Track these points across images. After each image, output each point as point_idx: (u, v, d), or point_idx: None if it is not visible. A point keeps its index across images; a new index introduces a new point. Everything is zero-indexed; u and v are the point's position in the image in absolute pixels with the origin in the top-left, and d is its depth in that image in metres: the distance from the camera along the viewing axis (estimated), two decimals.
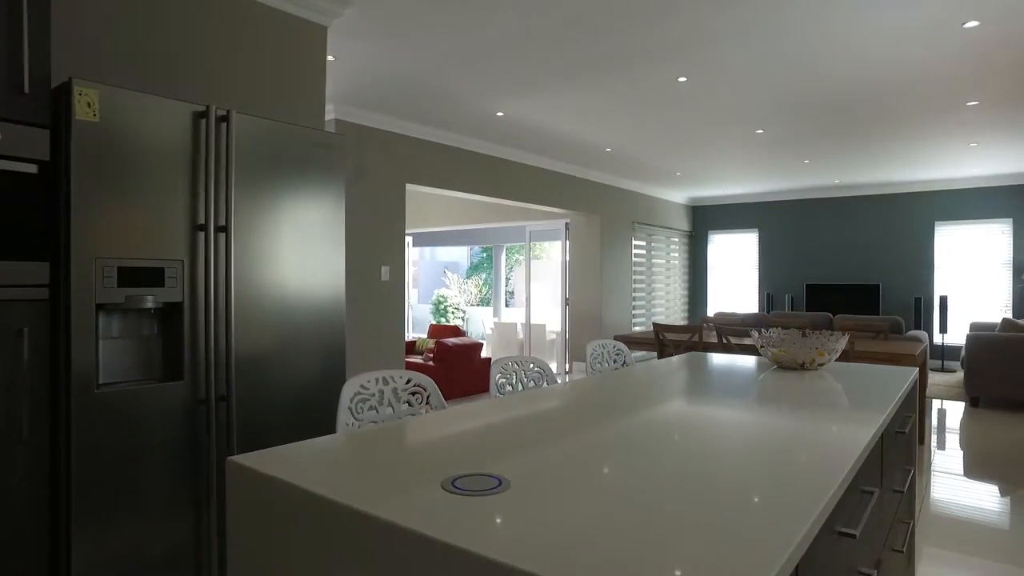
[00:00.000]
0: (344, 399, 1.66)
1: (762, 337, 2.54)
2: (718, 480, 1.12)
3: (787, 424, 1.57)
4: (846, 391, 2.05)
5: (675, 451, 1.31)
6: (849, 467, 1.21)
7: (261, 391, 2.22)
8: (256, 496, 1.17)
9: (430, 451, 1.31)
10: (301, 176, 2.34)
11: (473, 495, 1.02)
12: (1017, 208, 8.07)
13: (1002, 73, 4.18)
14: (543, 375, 2.39)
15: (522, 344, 9.51)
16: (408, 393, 1.83)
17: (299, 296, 2.35)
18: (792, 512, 0.97)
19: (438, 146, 6.02)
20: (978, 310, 8.27)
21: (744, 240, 10.44)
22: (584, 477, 1.12)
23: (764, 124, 5.58)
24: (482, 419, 1.62)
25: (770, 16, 3.34)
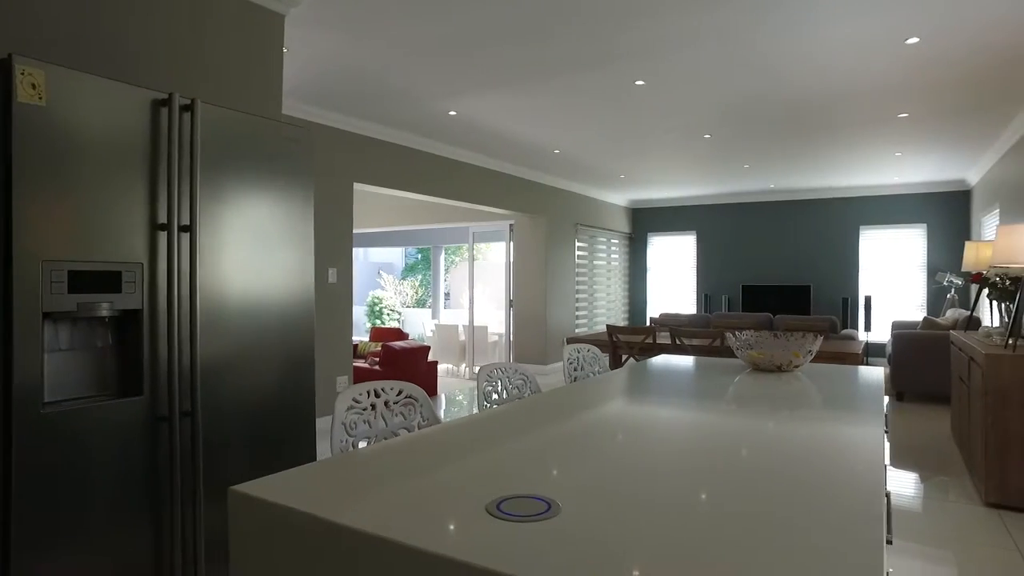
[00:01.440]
0: (338, 415, 1.53)
1: (738, 339, 2.55)
2: (781, 491, 1.08)
3: (813, 431, 1.56)
4: (834, 393, 2.08)
5: (720, 464, 1.27)
6: (883, 475, 1.20)
7: (229, 404, 2.05)
8: (265, 528, 1.04)
9: (456, 470, 1.21)
10: (270, 172, 2.18)
11: (523, 521, 0.93)
12: (931, 214, 8.63)
13: (931, 88, 4.42)
14: (527, 383, 2.32)
15: (464, 346, 9.40)
16: (400, 405, 1.72)
17: (268, 301, 2.18)
18: (865, 521, 0.93)
19: (388, 145, 5.84)
20: (898, 309, 8.78)
21: (682, 242, 10.70)
22: (637, 498, 1.06)
23: (712, 129, 5.71)
24: (484, 430, 1.53)
25: (726, 24, 3.39)
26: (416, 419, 1.74)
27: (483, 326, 9.37)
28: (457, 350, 9.32)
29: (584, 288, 9.63)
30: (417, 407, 1.75)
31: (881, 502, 1.02)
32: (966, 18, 3.27)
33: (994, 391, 3.35)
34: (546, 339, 8.51)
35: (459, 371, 9.22)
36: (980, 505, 3.43)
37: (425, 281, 17.52)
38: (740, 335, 2.60)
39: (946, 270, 8.40)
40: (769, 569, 0.79)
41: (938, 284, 8.30)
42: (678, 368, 2.68)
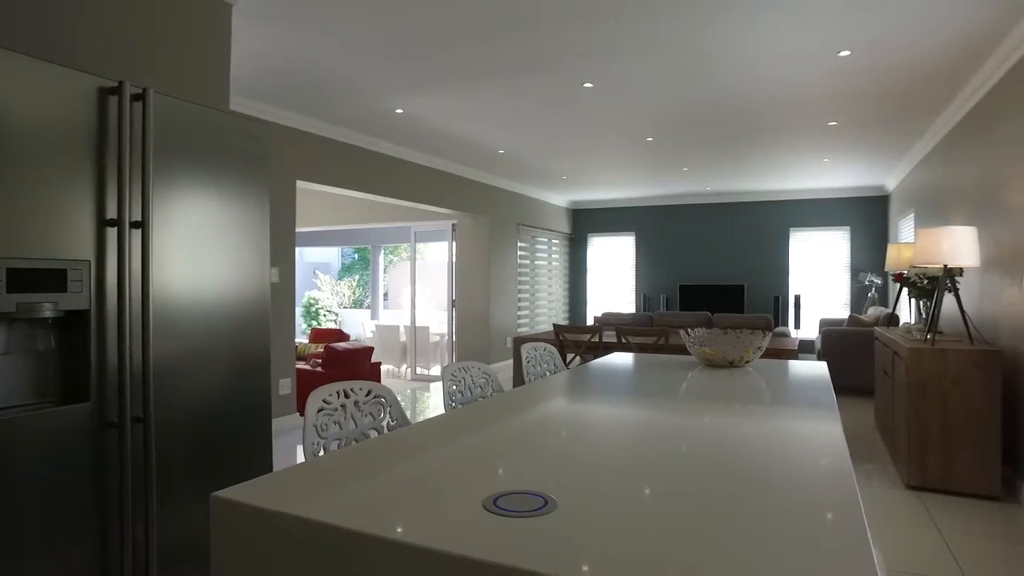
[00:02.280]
0: (309, 417, 1.50)
1: (692, 336, 2.64)
2: (768, 480, 1.12)
3: (781, 424, 1.63)
4: (788, 386, 2.17)
5: (708, 458, 1.31)
6: (850, 464, 1.27)
7: (183, 408, 1.96)
8: (251, 534, 1.01)
9: (445, 468, 1.20)
10: (225, 167, 2.09)
11: (521, 516, 0.94)
12: (854, 217, 9.15)
13: (859, 99, 4.69)
14: (489, 381, 2.33)
15: (405, 347, 9.29)
16: (369, 405, 1.69)
17: (224, 300, 2.10)
18: (850, 514, 0.99)
19: (332, 142, 5.71)
20: (825, 307, 9.27)
21: (621, 243, 10.93)
22: (630, 493, 1.08)
23: (655, 132, 5.86)
24: (460, 428, 1.53)
25: (674, 31, 3.49)
26: (385, 419, 1.72)
27: (424, 326, 9.30)
28: (398, 351, 9.21)
29: (526, 288, 9.70)
30: (386, 407, 1.73)
31: (855, 491, 1.08)
32: (891, 35, 3.49)
33: (916, 383, 3.59)
34: (489, 339, 8.52)
35: (400, 372, 9.10)
36: (903, 489, 3.67)
37: (363, 281, 17.22)
38: (693, 333, 2.69)
39: (867, 270, 8.92)
40: (776, 559, 0.83)
41: (860, 283, 8.81)
42: (634, 365, 2.74)
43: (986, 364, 3.46)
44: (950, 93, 4.56)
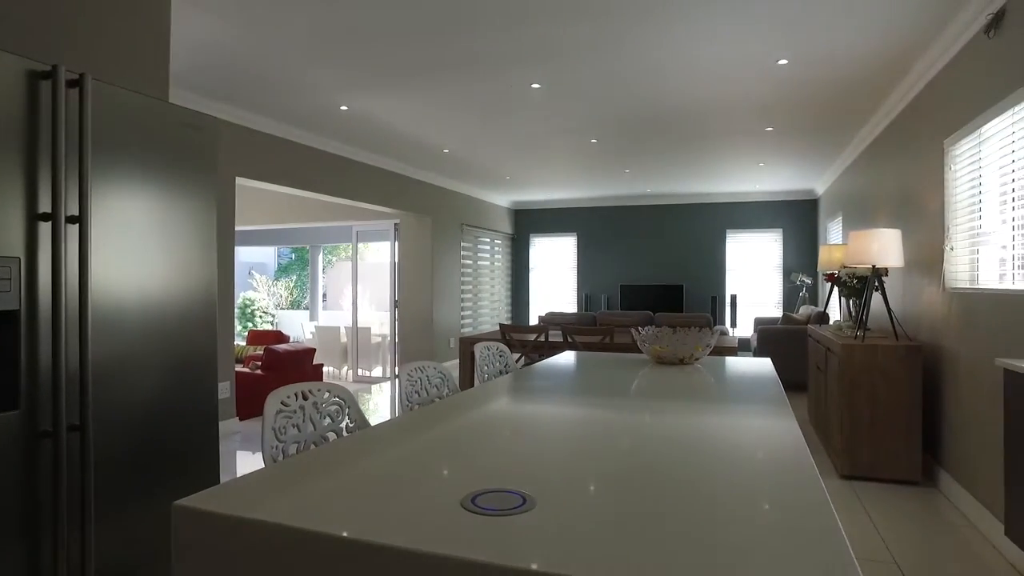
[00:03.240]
0: (268, 420, 1.44)
1: (642, 335, 2.69)
2: (744, 481, 1.15)
3: (739, 419, 1.68)
4: (738, 382, 2.24)
5: (677, 454, 1.33)
6: (810, 458, 1.32)
7: (124, 414, 1.85)
8: (219, 543, 0.96)
9: (418, 468, 1.18)
10: (170, 160, 1.99)
11: (500, 515, 0.93)
12: (786, 220, 9.55)
13: (795, 106, 4.91)
14: (444, 381, 2.30)
15: (346, 348, 9.11)
16: (328, 407, 1.64)
17: (169, 301, 1.99)
18: (816, 498, 1.02)
19: (274, 139, 5.54)
20: (758, 307, 9.63)
21: (563, 243, 11.05)
22: (606, 489, 1.08)
23: (599, 134, 5.95)
24: (417, 428, 1.51)
25: (620, 34, 3.56)
26: (344, 421, 1.67)
27: (366, 327, 9.14)
28: (339, 352, 9.02)
29: (469, 288, 9.67)
30: (345, 409, 1.68)
31: (818, 478, 1.13)
32: (826, 46, 3.66)
33: (848, 377, 3.78)
34: (433, 339, 8.45)
35: (342, 374, 8.92)
36: (837, 479, 3.85)
37: (301, 282, 16.77)
38: (643, 331, 2.74)
39: (799, 271, 9.33)
40: (753, 546, 0.85)
41: (792, 283, 9.20)
42: (587, 363, 2.77)
43: (909, 358, 3.67)
44: (874, 104, 4.82)
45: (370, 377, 8.67)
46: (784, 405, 1.79)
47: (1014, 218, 2.97)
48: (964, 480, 3.33)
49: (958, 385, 3.40)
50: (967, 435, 3.29)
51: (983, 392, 3.07)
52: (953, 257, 3.49)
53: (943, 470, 3.63)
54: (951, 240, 3.50)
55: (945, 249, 3.55)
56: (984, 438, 3.06)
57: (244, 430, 5.24)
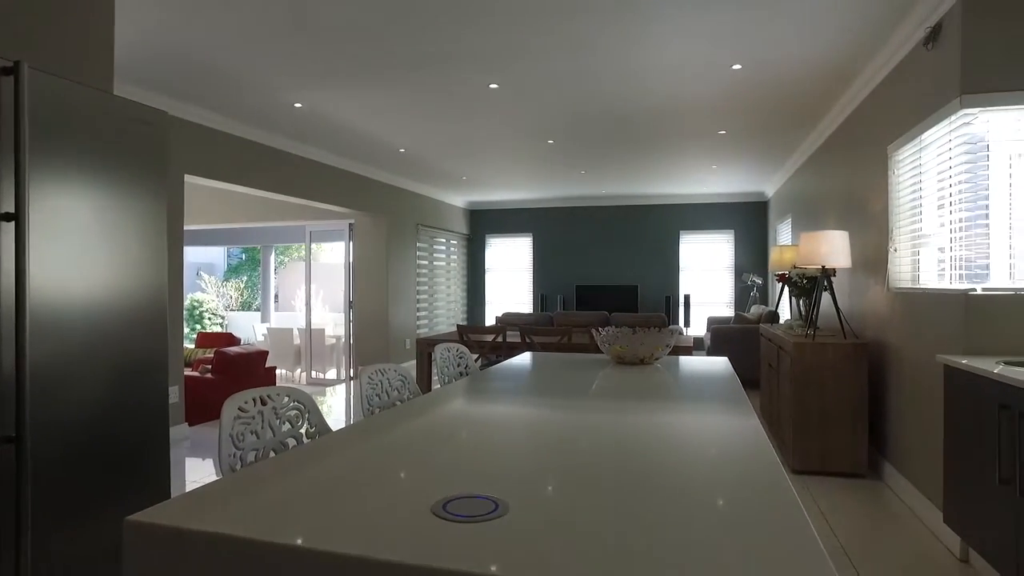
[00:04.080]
0: (225, 426, 1.38)
1: (602, 336, 2.70)
2: (715, 477, 1.16)
3: (704, 417, 1.70)
4: (700, 382, 2.28)
5: (647, 453, 1.33)
6: (776, 455, 1.34)
7: (67, 423, 1.75)
8: (176, 560, 0.91)
9: (384, 473, 1.15)
10: (118, 157, 1.90)
11: (472, 521, 0.91)
12: (737, 222, 9.80)
13: (748, 109, 5.03)
14: (405, 383, 2.27)
15: (299, 350, 8.92)
16: (287, 412, 1.60)
17: (116, 303, 1.90)
18: (783, 494, 1.04)
19: (225, 135, 5.37)
20: (711, 306, 9.85)
21: (519, 244, 11.07)
22: (581, 495, 1.08)
23: (556, 135, 5.97)
24: (381, 433, 1.48)
25: (579, 36, 3.58)
26: (304, 426, 1.63)
27: (320, 328, 8.97)
28: (292, 354, 8.82)
29: (424, 289, 9.59)
30: (304, 414, 1.64)
31: (783, 472, 1.15)
32: (778, 54, 3.76)
33: (799, 374, 3.89)
34: (388, 340, 8.35)
35: (295, 376, 8.73)
36: (789, 473, 3.96)
37: (251, 282, 16.34)
38: (603, 331, 2.76)
39: (750, 271, 9.58)
40: (730, 540, 0.85)
41: (744, 283, 9.44)
42: (548, 364, 2.78)
43: (856, 356, 3.80)
44: (822, 110, 4.99)
45: (324, 379, 8.51)
46: (745, 403, 1.82)
47: (951, 221, 3.11)
48: (907, 472, 3.47)
49: (901, 381, 3.54)
50: (910, 429, 3.42)
51: (924, 387, 3.21)
52: (897, 258, 3.64)
53: (887, 462, 3.78)
54: (895, 242, 3.64)
55: (889, 250, 3.69)
56: (925, 431, 3.19)
57: (194, 436, 5.07)
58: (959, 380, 2.61)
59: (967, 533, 2.58)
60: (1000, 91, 2.76)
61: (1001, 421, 2.26)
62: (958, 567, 2.72)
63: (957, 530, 2.68)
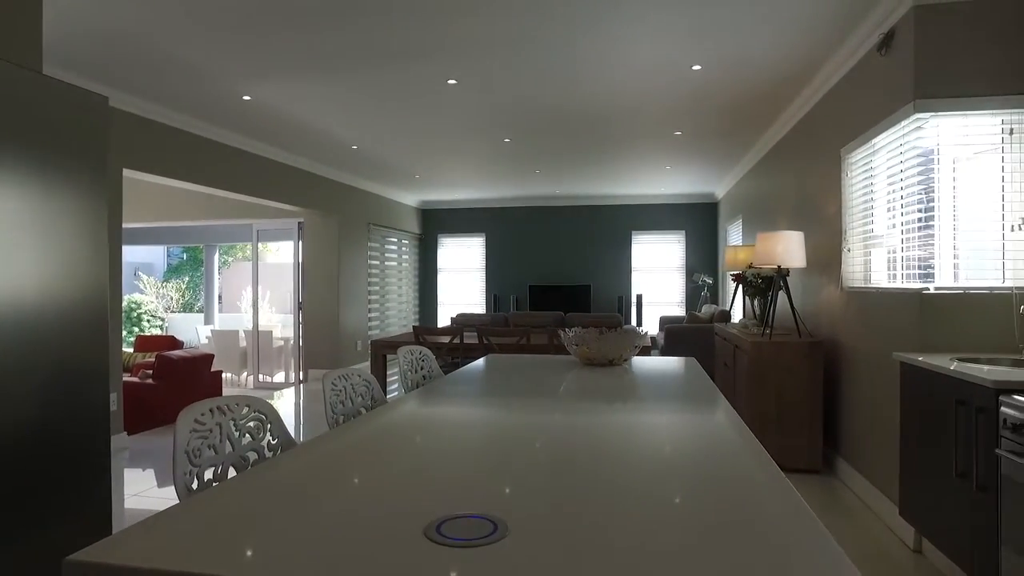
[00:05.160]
0: (180, 441, 1.27)
1: (571, 337, 2.66)
2: (719, 476, 1.11)
3: (692, 418, 1.66)
4: (677, 383, 2.25)
5: (648, 460, 1.28)
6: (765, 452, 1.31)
7: None
8: None
9: (366, 491, 1.06)
10: (52, 145, 1.74)
11: (469, 546, 0.84)
12: (688, 222, 9.96)
13: (704, 110, 5.09)
14: (369, 389, 2.16)
15: (246, 353, 8.61)
16: (247, 423, 1.48)
17: (51, 305, 1.74)
18: (782, 495, 1.01)
19: (167, 128, 5.09)
20: (663, 306, 9.98)
21: (472, 244, 10.97)
22: (583, 510, 1.02)
23: (513, 133, 5.92)
24: (356, 446, 1.39)
25: (539, 33, 3.53)
26: (266, 439, 1.51)
27: (268, 331, 8.68)
28: (238, 358, 8.50)
29: (376, 290, 9.40)
30: (266, 424, 1.52)
31: (775, 466, 1.11)
32: (739, 54, 3.80)
33: (757, 373, 3.95)
34: (339, 342, 8.14)
35: (241, 380, 8.42)
36: None
37: (193, 283, 15.73)
38: (569, 332, 2.71)
39: (700, 271, 9.75)
40: (741, 541, 0.81)
41: (695, 283, 9.59)
42: (516, 366, 2.71)
43: (812, 354, 3.88)
44: (776, 112, 5.09)
45: (272, 383, 8.23)
46: (722, 401, 1.80)
47: (902, 223, 3.20)
48: (861, 467, 3.55)
49: (856, 378, 3.63)
50: (864, 425, 3.51)
51: (878, 384, 3.29)
52: (850, 258, 3.73)
53: (841, 458, 3.87)
54: (848, 242, 3.73)
55: (843, 251, 3.78)
56: (880, 427, 3.27)
57: (133, 446, 4.79)
58: (915, 377, 2.68)
59: (923, 525, 2.64)
60: (951, 97, 2.85)
61: (958, 416, 2.32)
62: (912, 558, 2.80)
63: (913, 522, 2.75)
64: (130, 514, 3.45)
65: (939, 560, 2.64)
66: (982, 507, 2.18)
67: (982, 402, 2.16)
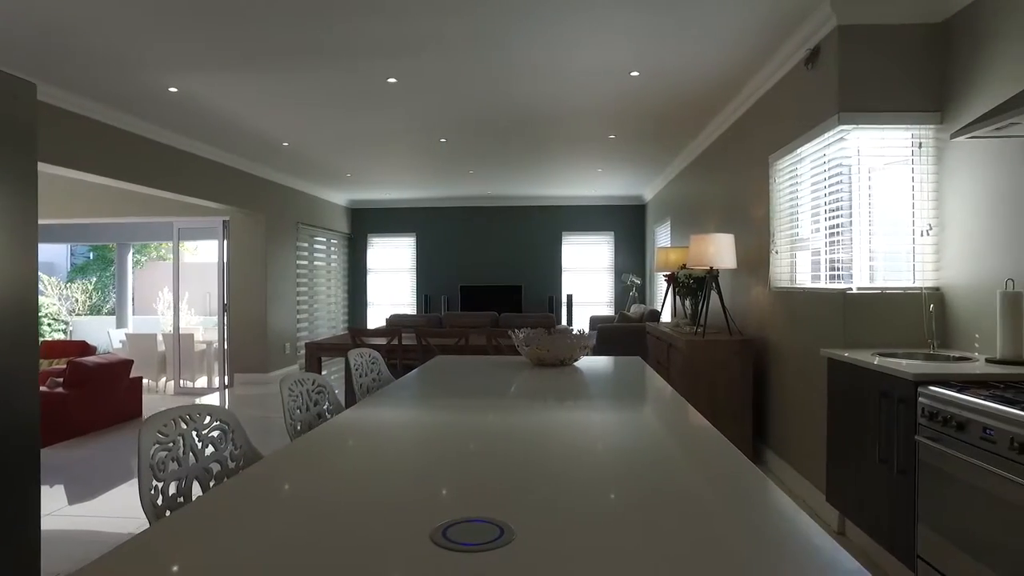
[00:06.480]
0: (144, 455, 1.20)
1: (522, 338, 2.69)
2: (697, 466, 1.16)
3: (663, 419, 1.71)
4: (625, 382, 2.31)
5: (639, 458, 1.31)
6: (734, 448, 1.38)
7: None
8: None
9: (356, 501, 1.04)
10: None
11: (476, 550, 0.85)
12: (617, 224, 10.22)
13: (640, 115, 5.23)
14: (324, 395, 2.12)
15: (165, 358, 8.18)
16: (210, 433, 1.42)
17: None
18: (760, 487, 1.06)
19: (82, 119, 4.76)
20: (592, 306, 10.19)
21: (402, 244, 10.84)
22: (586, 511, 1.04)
23: (450, 133, 5.90)
24: (338, 450, 1.36)
25: (482, 33, 3.55)
26: (228, 448, 1.46)
27: (189, 334, 8.28)
28: (156, 362, 8.06)
29: (305, 291, 9.14)
30: (229, 434, 1.47)
31: (743, 455, 1.18)
32: (675, 62, 3.94)
33: (691, 370, 4.11)
34: (267, 345, 7.87)
35: (159, 386, 7.99)
36: None
37: (102, 284, 14.78)
38: (520, 333, 2.74)
39: (629, 271, 10.02)
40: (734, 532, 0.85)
41: (623, 283, 9.85)
42: (467, 368, 2.72)
43: (743, 351, 4.08)
44: (707, 118, 5.30)
45: (194, 388, 7.86)
46: (677, 397, 1.88)
47: (825, 227, 3.42)
48: (789, 457, 3.77)
49: (784, 373, 3.84)
50: (792, 418, 3.72)
51: (806, 379, 3.50)
52: (777, 260, 3.94)
53: (769, 449, 4.09)
54: (775, 245, 3.94)
55: (771, 253, 3.99)
56: (807, 419, 3.48)
57: (44, 460, 4.46)
58: (842, 371, 2.87)
59: (848, 508, 2.84)
60: (870, 112, 3.07)
61: (880, 407, 2.50)
62: (836, 539, 2.99)
63: (838, 506, 2.95)
64: (45, 536, 3.21)
65: (861, 539, 2.84)
66: (901, 489, 2.37)
67: (903, 393, 2.34)
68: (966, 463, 1.98)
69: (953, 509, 2.06)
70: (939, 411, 2.13)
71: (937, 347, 2.90)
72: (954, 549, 2.05)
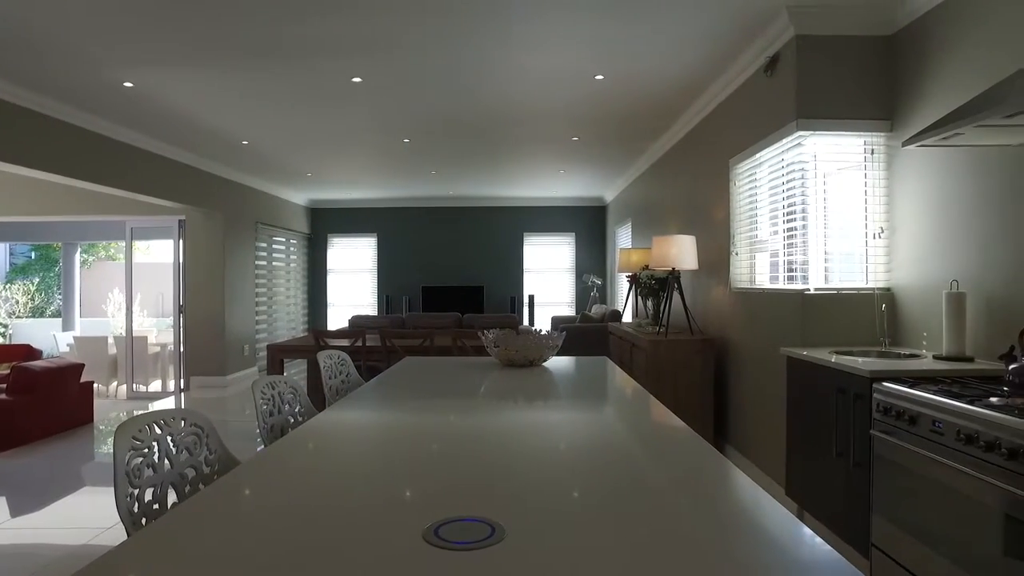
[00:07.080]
0: (120, 462, 1.18)
1: (491, 338, 2.71)
2: (668, 463, 1.19)
3: (634, 411, 1.74)
4: (596, 381, 2.35)
5: (616, 454, 1.34)
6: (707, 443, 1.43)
7: None
8: None
9: (344, 501, 1.04)
10: None
11: (468, 549, 0.86)
12: (578, 225, 10.32)
13: (603, 117, 5.30)
14: (296, 396, 2.10)
15: (116, 361, 7.93)
16: (185, 438, 1.40)
17: None
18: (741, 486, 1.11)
19: (27, 112, 4.57)
20: (554, 307, 10.27)
21: (363, 244, 10.72)
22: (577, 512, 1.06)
23: (413, 134, 5.87)
24: (321, 453, 1.36)
25: (448, 33, 3.55)
26: (203, 453, 1.44)
27: (142, 336, 8.04)
28: (107, 366, 7.80)
29: (264, 292, 8.97)
30: (203, 438, 1.45)
31: (717, 452, 1.22)
32: (639, 66, 4.01)
33: (654, 369, 4.19)
34: (224, 347, 7.69)
35: (111, 391, 7.73)
36: None
37: (45, 285, 14.20)
38: (489, 334, 2.76)
39: (590, 272, 10.12)
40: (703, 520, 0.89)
41: (584, 284, 9.95)
42: (438, 369, 2.72)
43: (704, 350, 4.18)
44: (669, 122, 5.41)
45: (148, 393, 7.63)
46: (647, 395, 1.92)
47: (783, 230, 3.54)
48: (749, 453, 3.88)
49: (743, 371, 3.95)
50: (752, 414, 3.83)
51: (765, 376, 3.61)
52: (737, 261, 4.05)
53: (729, 445, 4.20)
54: (735, 246, 4.06)
55: (731, 254, 4.10)
56: (767, 415, 3.59)
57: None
58: (800, 369, 2.97)
59: (806, 500, 2.94)
60: (827, 118, 3.19)
61: (838, 403, 2.61)
62: None
63: (797, 499, 3.05)
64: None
65: (818, 529, 2.95)
66: (857, 481, 2.47)
67: (859, 389, 2.45)
68: (918, 455, 2.08)
69: (905, 499, 2.17)
70: (892, 406, 2.23)
71: (889, 345, 3.04)
72: (906, 537, 2.16)
